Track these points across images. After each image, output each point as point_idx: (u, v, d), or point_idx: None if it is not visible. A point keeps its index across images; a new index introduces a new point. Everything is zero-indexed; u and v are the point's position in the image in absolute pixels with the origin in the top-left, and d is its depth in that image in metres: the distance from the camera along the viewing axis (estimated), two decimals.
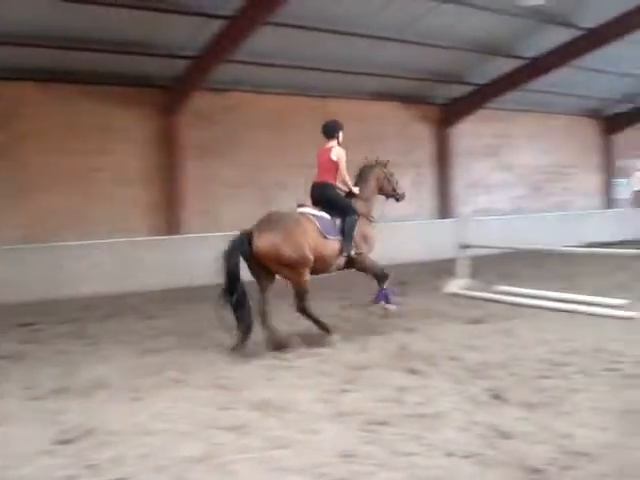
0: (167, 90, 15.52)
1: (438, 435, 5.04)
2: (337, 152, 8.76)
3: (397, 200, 9.83)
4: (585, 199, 24.14)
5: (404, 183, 10.53)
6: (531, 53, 17.22)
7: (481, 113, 20.28)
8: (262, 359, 7.62)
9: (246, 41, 12.91)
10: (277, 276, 8.24)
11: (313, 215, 8.43)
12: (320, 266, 8.36)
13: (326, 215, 8.51)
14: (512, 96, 19.65)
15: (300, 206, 8.64)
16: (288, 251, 7.86)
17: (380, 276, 8.98)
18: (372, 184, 9.36)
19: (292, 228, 8.02)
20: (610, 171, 24.77)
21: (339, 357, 7.60)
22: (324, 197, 8.69)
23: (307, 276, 8.14)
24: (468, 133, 20.74)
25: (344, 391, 6.29)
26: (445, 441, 4.90)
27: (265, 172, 17.04)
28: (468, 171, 20.95)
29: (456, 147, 20.48)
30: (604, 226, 22.75)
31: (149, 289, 14.17)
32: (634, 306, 9.53)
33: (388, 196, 9.74)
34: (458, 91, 19.46)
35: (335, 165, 8.72)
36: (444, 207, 20.23)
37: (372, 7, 13.80)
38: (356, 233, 8.69)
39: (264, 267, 8.03)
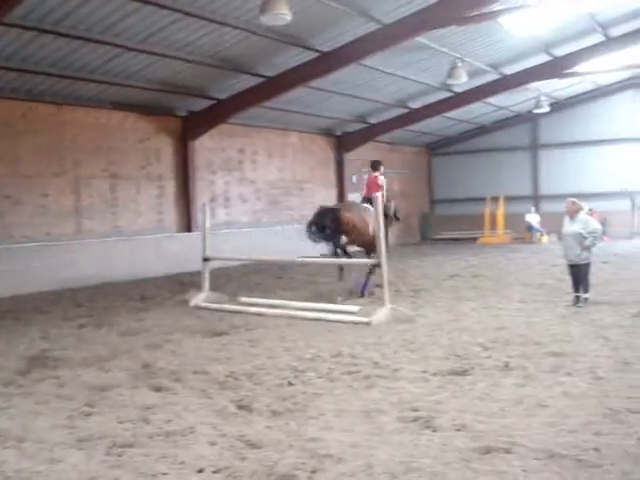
0: None
1: (187, 452, 4.86)
2: (381, 179, 14.06)
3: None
4: None
5: (144, 197, 10.18)
6: (271, 71, 17.76)
7: (223, 128, 20.50)
8: None
9: None
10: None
11: (368, 207, 12.90)
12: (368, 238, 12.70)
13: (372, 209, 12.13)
14: (253, 112, 20.13)
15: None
16: (361, 221, 12.78)
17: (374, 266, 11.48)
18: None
19: (363, 210, 13.16)
20: (344, 186, 26.34)
21: (79, 379, 7.11)
22: (368, 202, 13.08)
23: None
24: (210, 147, 20.83)
25: (86, 414, 5.87)
26: (195, 457, 4.74)
27: None
28: (210, 185, 21.00)
29: (198, 160, 20.42)
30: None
31: None
32: (368, 312, 10.13)
33: None
34: (200, 104, 19.45)
35: (380, 187, 13.73)
36: (186, 220, 20.04)
37: (117, 15, 13.17)
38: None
39: (339, 232, 12.61)
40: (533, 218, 27.89)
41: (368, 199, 13.18)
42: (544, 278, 14.89)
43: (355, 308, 10.68)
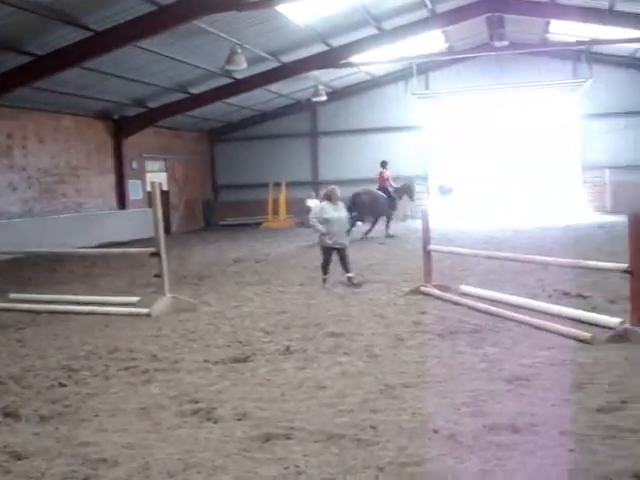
0: None
1: None
2: (387, 174, 21.31)
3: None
4: (99, 200, 24.23)
5: None
6: (41, 50, 16.44)
7: None
8: None
9: None
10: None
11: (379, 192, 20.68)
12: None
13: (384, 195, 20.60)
14: (22, 93, 18.60)
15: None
16: (376, 202, 20.28)
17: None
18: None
19: (377, 194, 20.52)
20: (123, 172, 25.33)
21: None
22: (382, 190, 20.89)
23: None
24: None
25: None
26: None
27: None
28: None
29: None
30: (119, 226, 23.19)
31: None
32: (148, 303, 9.78)
33: None
34: None
35: (386, 179, 21.19)
36: None
37: None
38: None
39: (361, 210, 20.00)
40: (313, 203, 28.71)
41: (382, 188, 21.02)
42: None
43: (134, 299, 10.27)
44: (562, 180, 29.33)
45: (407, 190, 22.02)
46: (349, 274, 11.69)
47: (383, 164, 21.56)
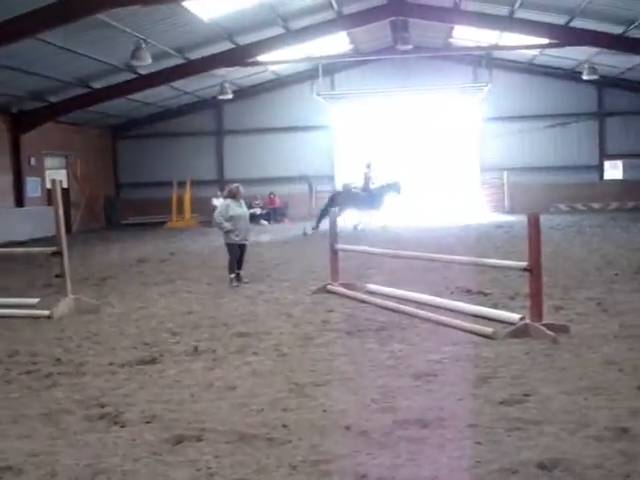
0: None
1: None
2: (367, 171, 23.23)
3: None
4: None
5: None
6: None
7: None
8: None
9: None
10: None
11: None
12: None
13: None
14: None
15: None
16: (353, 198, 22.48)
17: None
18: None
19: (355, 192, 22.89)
20: (21, 169, 24.31)
21: None
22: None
23: None
24: None
25: None
26: None
27: None
28: None
29: None
30: (16, 225, 22.25)
31: None
32: (48, 304, 9.44)
33: None
34: None
35: (369, 177, 23.01)
36: None
37: None
38: None
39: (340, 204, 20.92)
40: (219, 202, 28.44)
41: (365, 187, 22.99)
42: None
43: (34, 300, 9.89)
44: (462, 181, 30.26)
45: (394, 187, 22.76)
46: (240, 271, 11.89)
47: (368, 165, 23.36)
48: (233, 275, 11.75)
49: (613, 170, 30.23)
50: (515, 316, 7.62)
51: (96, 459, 4.27)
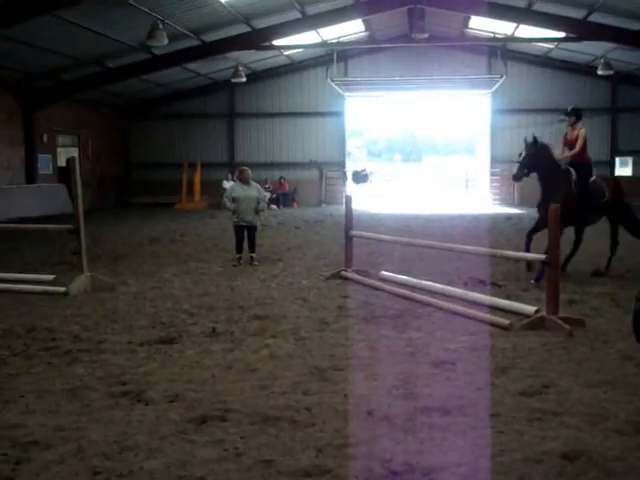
0: None
1: None
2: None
3: None
4: (7, 173, 23.22)
5: None
6: None
7: None
8: None
9: None
10: None
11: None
12: None
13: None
14: None
15: None
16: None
17: None
18: None
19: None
20: (33, 145, 24.33)
21: None
22: None
23: None
24: None
25: None
26: None
27: None
28: None
29: None
30: (27, 201, 22.27)
31: None
32: (64, 281, 9.48)
33: None
34: None
35: None
36: None
37: None
38: None
39: None
40: (229, 185, 28.45)
41: None
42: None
43: (50, 277, 9.94)
44: (472, 171, 30.21)
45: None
46: (252, 254, 12.14)
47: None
48: (237, 256, 12.07)
49: (623, 167, 30.10)
50: (531, 308, 7.65)
51: (122, 436, 4.33)
